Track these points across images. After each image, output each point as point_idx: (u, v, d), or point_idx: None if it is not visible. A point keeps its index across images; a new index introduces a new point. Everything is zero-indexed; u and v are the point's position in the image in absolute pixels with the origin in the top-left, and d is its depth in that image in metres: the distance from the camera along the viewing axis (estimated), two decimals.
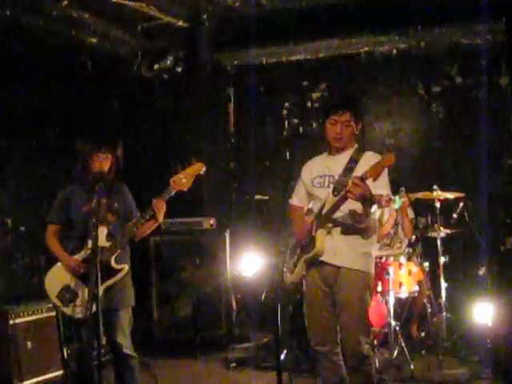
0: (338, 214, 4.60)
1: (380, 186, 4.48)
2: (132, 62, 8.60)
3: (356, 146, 4.83)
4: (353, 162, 4.69)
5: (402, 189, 6.88)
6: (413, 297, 7.02)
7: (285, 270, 4.94)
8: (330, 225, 4.60)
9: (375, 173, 4.20)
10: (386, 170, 4.57)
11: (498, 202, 7.77)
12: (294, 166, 4.94)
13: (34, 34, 7.16)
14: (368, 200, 4.38)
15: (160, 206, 4.96)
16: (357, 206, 4.51)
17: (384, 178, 4.55)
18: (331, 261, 4.66)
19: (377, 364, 5.97)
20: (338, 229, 4.63)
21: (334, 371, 4.78)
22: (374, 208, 4.50)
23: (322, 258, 4.64)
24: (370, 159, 4.61)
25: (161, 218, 5.05)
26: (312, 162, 4.98)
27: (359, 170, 4.56)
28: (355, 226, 4.63)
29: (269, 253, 7.08)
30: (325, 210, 4.60)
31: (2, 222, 6.85)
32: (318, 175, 4.83)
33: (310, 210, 4.90)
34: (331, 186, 4.68)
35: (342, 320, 4.70)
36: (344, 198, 4.43)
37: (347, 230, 4.64)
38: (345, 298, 4.66)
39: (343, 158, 4.75)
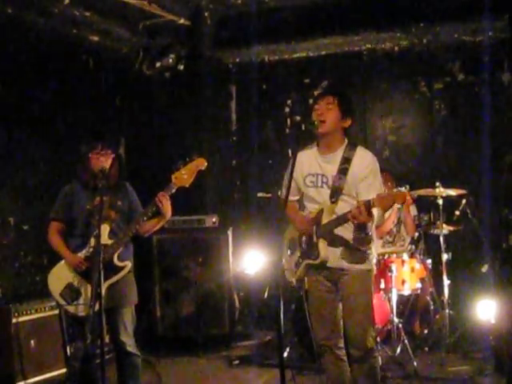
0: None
1: (373, 190, 4.49)
2: (134, 60, 8.60)
3: (346, 142, 4.71)
4: (346, 162, 4.62)
5: (407, 186, 6.88)
6: (415, 294, 7.01)
7: (286, 268, 4.93)
8: (330, 236, 4.61)
9: (382, 205, 4.19)
10: (378, 171, 4.65)
11: (501, 198, 7.76)
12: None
13: (35, 32, 7.17)
14: (363, 227, 4.46)
15: (164, 201, 4.95)
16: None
17: (377, 180, 4.61)
18: (335, 265, 4.67)
19: (380, 361, 5.97)
20: (338, 235, 4.63)
21: (337, 366, 4.78)
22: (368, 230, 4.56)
23: (327, 265, 4.66)
24: (363, 159, 4.62)
25: (168, 214, 5.04)
26: (302, 157, 4.78)
27: (354, 171, 4.57)
28: (352, 230, 4.64)
29: (271, 250, 7.08)
30: (324, 220, 4.58)
31: (4, 220, 6.86)
32: (310, 173, 4.76)
33: (303, 206, 4.88)
34: (325, 187, 4.66)
35: (346, 313, 4.71)
36: (345, 218, 4.44)
37: (345, 234, 4.63)
38: (348, 293, 4.67)
39: (336, 157, 4.67)
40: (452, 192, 7.00)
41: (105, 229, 4.96)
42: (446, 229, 7.09)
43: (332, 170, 4.65)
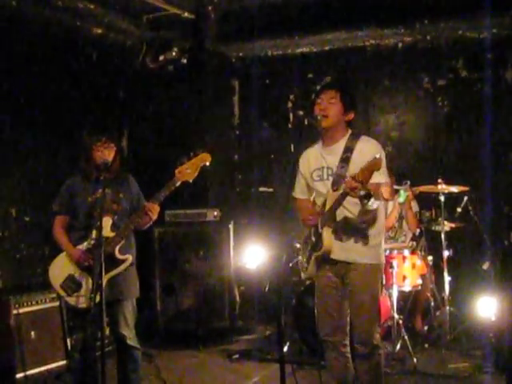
0: (340, 211, 4.58)
1: (377, 174, 4.44)
2: (137, 53, 8.60)
3: (350, 132, 4.74)
4: (348, 151, 4.63)
5: (407, 182, 6.87)
6: (416, 290, 7.01)
7: (299, 267, 4.94)
8: (334, 223, 4.58)
9: (363, 177, 4.14)
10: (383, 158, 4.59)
11: (503, 195, 7.76)
12: (298, 159, 4.89)
13: (39, 25, 7.16)
14: (366, 196, 4.34)
15: (153, 210, 4.97)
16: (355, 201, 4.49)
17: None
18: (341, 258, 4.66)
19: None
20: (344, 225, 4.62)
21: (341, 362, 4.79)
22: (372, 201, 4.44)
23: (331, 256, 4.62)
24: (364, 147, 4.59)
25: (154, 217, 5.06)
26: (308, 153, 4.88)
27: (355, 159, 4.55)
28: (357, 221, 4.62)
29: (272, 245, 7.08)
30: (327, 207, 4.56)
31: (6, 211, 6.86)
32: (316, 168, 4.78)
33: (314, 203, 4.88)
34: (330, 179, 4.66)
35: (353, 310, 4.72)
36: (345, 195, 4.39)
37: (351, 225, 4.62)
38: (356, 288, 4.67)
39: (338, 147, 4.69)
40: (454, 189, 6.99)
41: (107, 221, 4.96)
42: (447, 225, 7.08)
43: (335, 160, 4.65)
